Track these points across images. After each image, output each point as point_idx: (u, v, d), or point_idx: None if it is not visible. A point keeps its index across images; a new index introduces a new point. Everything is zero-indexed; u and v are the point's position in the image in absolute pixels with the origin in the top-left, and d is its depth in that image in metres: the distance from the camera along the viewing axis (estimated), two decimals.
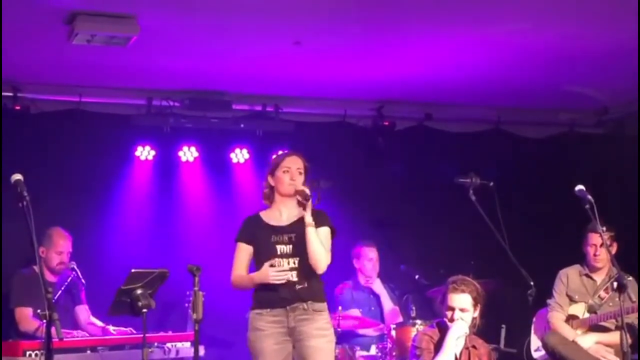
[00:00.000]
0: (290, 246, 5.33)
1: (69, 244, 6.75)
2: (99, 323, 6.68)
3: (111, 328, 6.41)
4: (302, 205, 5.29)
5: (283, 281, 5.23)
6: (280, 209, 5.44)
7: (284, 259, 5.30)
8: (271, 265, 5.27)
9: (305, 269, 5.30)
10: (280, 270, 5.24)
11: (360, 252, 7.54)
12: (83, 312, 6.81)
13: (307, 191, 5.29)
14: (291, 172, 5.38)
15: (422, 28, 6.57)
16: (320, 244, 5.28)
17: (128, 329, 6.34)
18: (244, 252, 5.42)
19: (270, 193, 5.48)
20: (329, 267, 5.38)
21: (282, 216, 5.43)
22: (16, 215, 4.70)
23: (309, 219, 5.27)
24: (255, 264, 5.40)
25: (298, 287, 5.28)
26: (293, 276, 5.28)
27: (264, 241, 5.36)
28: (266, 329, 5.29)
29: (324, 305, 5.40)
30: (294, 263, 5.30)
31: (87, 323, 6.72)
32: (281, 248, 5.34)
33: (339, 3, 6.05)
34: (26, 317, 6.44)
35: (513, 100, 8.55)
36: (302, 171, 5.42)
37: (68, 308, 6.70)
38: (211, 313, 5.37)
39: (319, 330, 5.30)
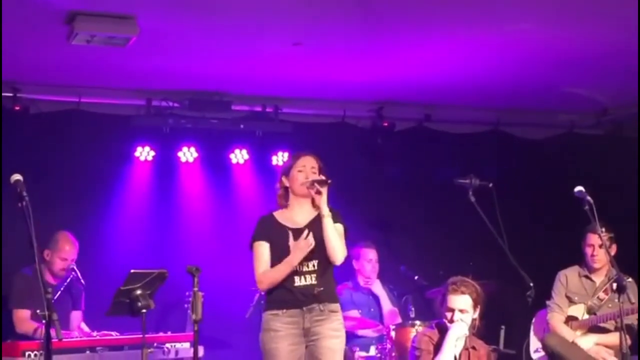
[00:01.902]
0: None
1: (74, 252, 6.68)
2: (87, 329, 6.65)
3: (94, 334, 6.27)
4: (318, 193, 5.23)
5: (312, 245, 5.18)
6: (296, 210, 5.40)
7: (304, 261, 5.26)
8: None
9: (323, 270, 5.30)
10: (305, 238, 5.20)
11: (359, 253, 7.51)
12: (77, 317, 6.79)
13: (324, 177, 5.27)
14: (306, 171, 5.35)
15: (421, 29, 6.57)
16: (337, 235, 5.27)
17: (113, 334, 6.23)
18: (265, 249, 5.32)
19: (285, 194, 5.44)
20: None
21: (298, 217, 5.38)
22: (16, 216, 4.69)
23: (325, 210, 5.24)
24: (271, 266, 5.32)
25: (316, 290, 5.26)
26: (312, 279, 5.26)
27: (281, 243, 5.29)
28: (281, 330, 5.25)
29: (338, 305, 5.39)
30: (314, 266, 5.29)
31: (76, 328, 6.69)
32: None
33: (338, 4, 6.05)
34: (23, 320, 6.42)
35: (512, 101, 8.56)
36: (316, 170, 5.37)
37: (66, 309, 6.67)
38: (210, 313, 5.35)
39: (334, 331, 5.29)
